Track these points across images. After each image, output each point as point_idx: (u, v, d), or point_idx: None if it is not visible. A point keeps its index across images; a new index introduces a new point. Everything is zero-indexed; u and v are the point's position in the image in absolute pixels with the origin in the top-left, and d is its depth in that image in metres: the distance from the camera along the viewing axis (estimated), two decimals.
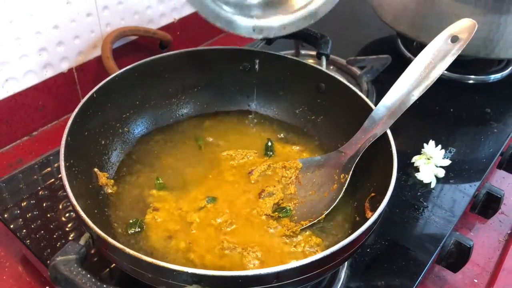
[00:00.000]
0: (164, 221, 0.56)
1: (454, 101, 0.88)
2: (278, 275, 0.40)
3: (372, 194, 0.55)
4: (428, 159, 0.73)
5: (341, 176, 0.58)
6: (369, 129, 0.58)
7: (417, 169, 0.73)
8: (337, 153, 0.61)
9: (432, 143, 0.74)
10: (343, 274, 0.59)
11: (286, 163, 0.63)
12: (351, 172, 0.57)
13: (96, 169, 0.58)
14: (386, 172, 0.52)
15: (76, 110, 0.54)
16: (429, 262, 0.60)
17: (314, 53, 0.83)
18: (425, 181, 0.71)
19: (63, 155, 0.49)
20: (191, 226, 0.56)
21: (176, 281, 0.41)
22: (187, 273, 0.40)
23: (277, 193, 0.60)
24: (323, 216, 0.56)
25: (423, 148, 0.74)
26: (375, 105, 0.59)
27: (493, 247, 0.72)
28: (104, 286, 0.38)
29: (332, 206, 0.56)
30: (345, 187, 0.57)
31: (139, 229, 0.55)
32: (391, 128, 0.56)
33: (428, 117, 0.85)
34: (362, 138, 0.58)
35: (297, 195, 0.60)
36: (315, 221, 0.56)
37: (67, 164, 0.49)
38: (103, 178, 0.58)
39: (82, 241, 0.43)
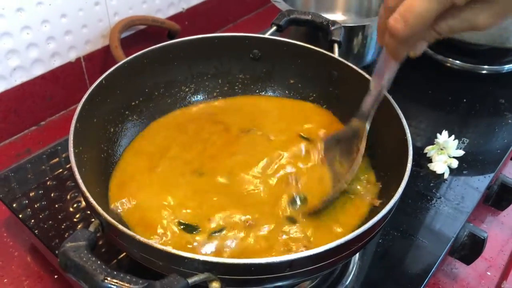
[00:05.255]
0: None
1: (467, 91, 0.87)
2: (291, 264, 0.40)
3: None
4: (441, 149, 0.72)
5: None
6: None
7: (429, 160, 0.72)
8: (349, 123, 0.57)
9: (445, 133, 0.73)
10: (354, 265, 0.58)
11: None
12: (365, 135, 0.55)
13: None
14: (400, 162, 0.51)
15: (85, 96, 0.54)
16: (443, 254, 0.59)
17: None
18: (438, 171, 0.70)
19: (72, 141, 0.48)
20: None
21: (187, 269, 0.40)
22: (198, 260, 0.39)
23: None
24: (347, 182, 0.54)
25: (436, 138, 0.73)
26: None
27: (507, 239, 0.71)
28: (115, 272, 0.37)
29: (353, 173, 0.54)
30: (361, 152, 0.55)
31: None
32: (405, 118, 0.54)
33: (441, 108, 0.84)
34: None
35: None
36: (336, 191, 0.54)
37: (76, 150, 0.49)
38: None
39: (91, 228, 0.43)
